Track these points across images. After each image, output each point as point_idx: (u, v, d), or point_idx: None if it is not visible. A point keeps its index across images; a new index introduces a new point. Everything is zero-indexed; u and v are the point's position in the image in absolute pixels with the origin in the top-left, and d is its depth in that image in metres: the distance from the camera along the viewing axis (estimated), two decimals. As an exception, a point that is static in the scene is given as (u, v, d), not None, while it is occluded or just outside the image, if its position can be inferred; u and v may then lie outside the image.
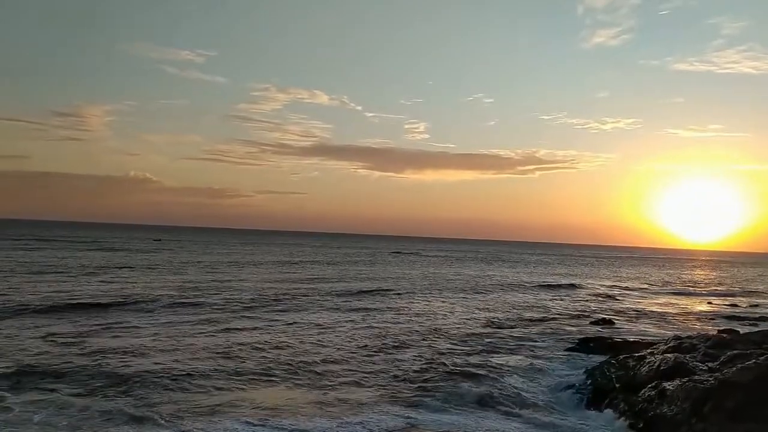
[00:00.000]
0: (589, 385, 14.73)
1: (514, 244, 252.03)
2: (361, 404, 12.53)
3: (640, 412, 12.30)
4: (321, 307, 27.80)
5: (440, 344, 19.95)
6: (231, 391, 13.11)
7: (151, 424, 10.62)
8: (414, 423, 11.53)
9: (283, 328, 21.31)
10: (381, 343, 19.63)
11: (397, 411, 12.27)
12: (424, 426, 11.40)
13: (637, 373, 14.58)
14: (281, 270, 51.78)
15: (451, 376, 15.29)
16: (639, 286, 55.34)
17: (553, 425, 11.97)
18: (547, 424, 12.01)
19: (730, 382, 11.52)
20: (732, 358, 14.14)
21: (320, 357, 16.79)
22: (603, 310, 32.82)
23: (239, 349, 17.05)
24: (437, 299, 34.10)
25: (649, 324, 28.58)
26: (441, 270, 65.11)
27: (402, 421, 11.61)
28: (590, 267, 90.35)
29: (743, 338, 19.60)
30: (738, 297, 46.98)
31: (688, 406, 11.42)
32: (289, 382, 14.25)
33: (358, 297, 33.41)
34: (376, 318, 25.48)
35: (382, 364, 16.47)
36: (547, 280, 57.22)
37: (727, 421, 10.58)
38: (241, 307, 25.77)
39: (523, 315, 28.95)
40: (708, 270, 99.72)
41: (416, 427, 11.35)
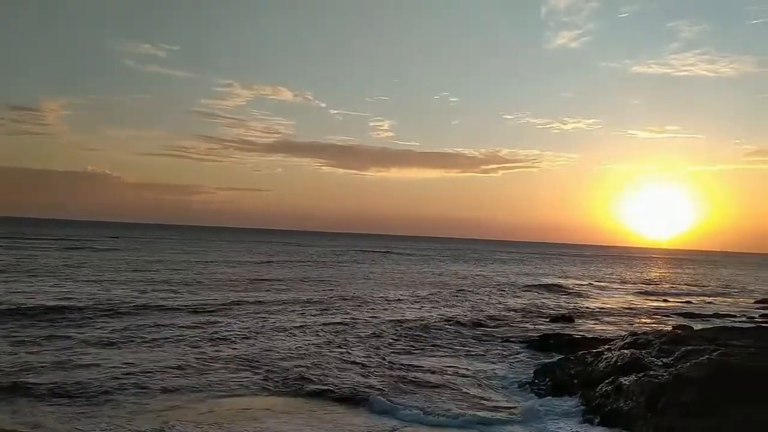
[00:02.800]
0: (548, 381, 14.86)
1: (478, 243, 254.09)
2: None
3: (597, 406, 12.46)
4: (278, 307, 27.30)
5: (397, 343, 19.78)
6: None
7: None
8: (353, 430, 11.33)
9: (231, 330, 20.32)
10: (333, 340, 19.47)
11: (334, 410, 12.19)
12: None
13: (595, 368, 14.77)
14: (243, 269, 51.15)
15: (404, 375, 15.18)
16: (598, 283, 56.33)
17: (510, 423, 11.94)
18: (504, 421, 11.98)
19: (684, 377, 11.73)
20: (686, 353, 14.42)
21: (274, 357, 16.36)
22: (563, 308, 33.27)
23: (185, 355, 16.28)
24: (398, 297, 34.04)
25: (607, 321, 29.05)
26: (405, 267, 65.19)
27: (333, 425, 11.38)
28: (551, 265, 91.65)
29: (697, 334, 20.05)
30: (692, 294, 48.20)
31: (644, 401, 11.59)
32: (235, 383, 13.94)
33: (317, 293, 33.16)
34: (338, 317, 25.27)
35: (327, 362, 16.31)
36: (509, 277, 57.82)
37: (681, 415, 10.77)
38: (190, 311, 24.15)
39: (484, 312, 29.12)
40: (664, 268, 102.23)
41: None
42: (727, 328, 22.16)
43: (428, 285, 43.87)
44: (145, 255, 61.69)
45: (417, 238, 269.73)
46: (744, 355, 14.22)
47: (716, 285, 61.22)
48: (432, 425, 11.54)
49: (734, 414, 10.32)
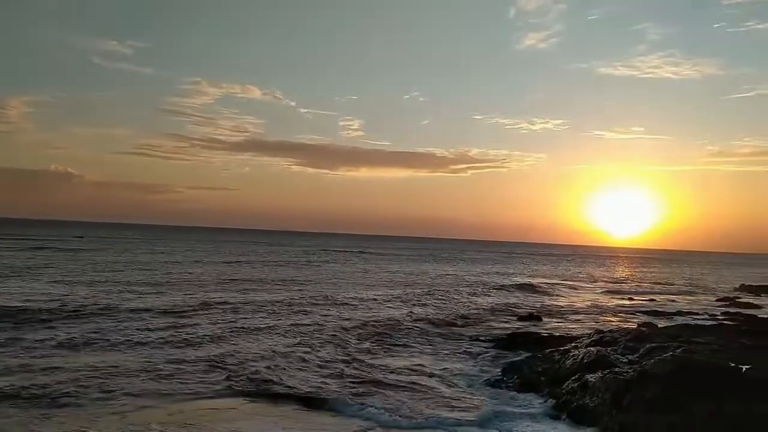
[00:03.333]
0: (516, 379, 15.00)
1: (449, 242, 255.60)
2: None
3: (564, 403, 12.60)
4: (247, 307, 27.02)
5: (365, 343, 19.71)
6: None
7: None
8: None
9: (199, 332, 19.81)
10: (302, 340, 19.27)
11: (302, 412, 12.10)
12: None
13: (562, 366, 14.96)
14: (211, 269, 50.61)
15: (372, 375, 15.11)
16: (566, 282, 57.08)
17: (476, 422, 11.94)
18: (470, 421, 11.96)
19: (649, 374, 11.94)
20: (650, 350, 14.73)
21: (242, 359, 16.09)
22: (531, 306, 33.63)
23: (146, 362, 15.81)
24: (369, 297, 34.00)
25: (575, 319, 29.45)
26: (375, 267, 65.20)
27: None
28: (520, 264, 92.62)
29: (661, 332, 20.53)
30: (656, 293, 49.17)
31: (609, 398, 11.77)
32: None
33: (287, 294, 32.98)
34: (307, 317, 25.14)
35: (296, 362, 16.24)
36: (479, 277, 58.26)
37: (646, 411, 10.95)
38: (157, 312, 23.55)
39: (453, 311, 29.27)
40: (630, 267, 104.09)
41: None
42: (690, 326, 22.73)
43: (399, 284, 43.96)
44: (111, 255, 60.56)
45: (388, 238, 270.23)
46: (706, 352, 14.60)
47: (680, 284, 62.54)
48: (399, 427, 11.44)
49: (697, 409, 10.53)
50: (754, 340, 17.96)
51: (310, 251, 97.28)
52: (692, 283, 64.26)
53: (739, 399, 10.67)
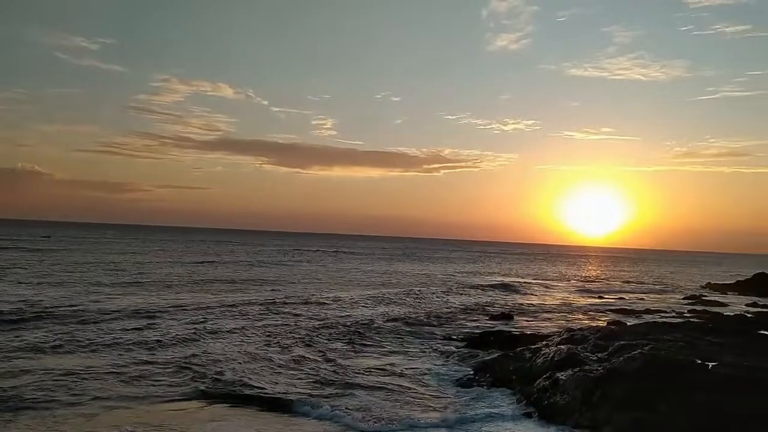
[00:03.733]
0: (488, 377, 15.11)
1: (422, 241, 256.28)
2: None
3: (535, 401, 12.73)
4: (219, 308, 26.75)
5: (338, 343, 19.62)
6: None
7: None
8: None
9: (169, 334, 19.48)
10: (274, 341, 19.14)
11: (271, 415, 11.99)
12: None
13: (533, 364, 15.11)
14: (182, 269, 50.02)
15: (344, 376, 15.04)
16: (537, 281, 57.70)
17: (448, 421, 12.00)
18: (442, 420, 12.00)
19: (618, 371, 12.13)
20: (619, 348, 14.93)
21: (212, 361, 15.82)
22: (503, 305, 33.90)
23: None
24: (341, 296, 33.93)
25: (546, 318, 29.79)
26: (348, 266, 65.10)
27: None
28: (493, 263, 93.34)
29: (630, 330, 20.82)
30: (625, 291, 49.99)
31: (579, 395, 11.92)
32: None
33: (260, 294, 32.78)
34: (279, 318, 25.00)
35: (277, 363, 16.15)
36: (451, 276, 58.57)
37: (615, 408, 11.11)
38: (126, 314, 23.15)
39: (426, 310, 29.37)
40: (600, 266, 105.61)
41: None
42: (658, 324, 23.13)
43: (372, 284, 43.98)
44: (79, 255, 59.45)
45: (361, 237, 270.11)
46: (673, 349, 14.85)
47: (648, 282, 63.67)
48: (368, 430, 11.32)
49: (664, 405, 10.74)
50: (719, 337, 18.34)
51: (283, 251, 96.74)
52: (660, 281, 65.47)
53: (705, 393, 10.91)
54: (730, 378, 11.68)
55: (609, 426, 10.74)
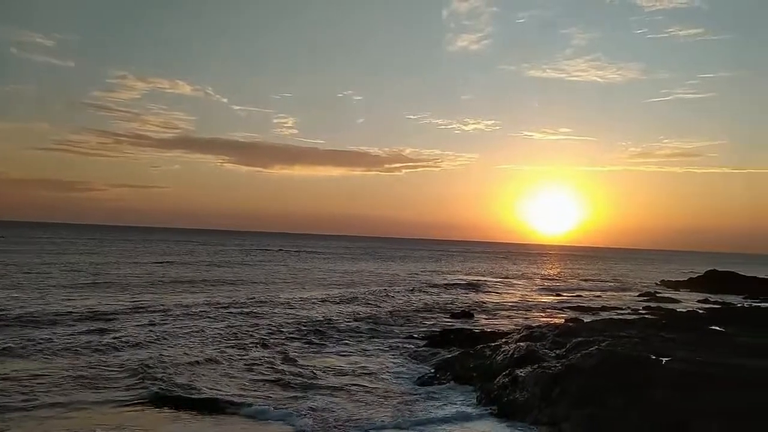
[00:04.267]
0: (448, 375, 15.21)
1: (385, 240, 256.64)
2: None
3: (495, 398, 12.84)
4: (178, 310, 26.25)
5: (299, 344, 19.41)
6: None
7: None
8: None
9: (126, 337, 19.01)
10: (233, 343, 18.85)
11: (228, 419, 11.78)
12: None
13: (493, 361, 15.26)
14: (140, 270, 49.02)
15: (304, 378, 14.84)
16: (497, 279, 58.43)
17: (411, 420, 11.97)
18: (405, 420, 11.95)
19: (575, 368, 12.34)
20: (577, 345, 15.21)
21: (169, 365, 15.42)
22: (464, 303, 34.19)
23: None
24: (302, 296, 33.74)
25: (506, 315, 30.16)
26: (310, 266, 64.78)
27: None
28: (454, 262, 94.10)
29: (587, 326, 21.23)
30: (583, 289, 50.99)
31: (538, 391, 12.09)
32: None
33: (220, 295, 32.35)
34: (239, 319, 24.70)
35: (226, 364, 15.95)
36: (413, 275, 58.81)
37: (573, 403, 11.30)
38: (83, 316, 22.48)
39: (387, 309, 29.42)
40: (558, 264, 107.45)
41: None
42: (614, 321, 23.62)
43: (334, 284, 43.85)
44: (34, 256, 57.63)
45: (324, 237, 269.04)
46: (629, 345, 15.19)
47: (605, 280, 65.05)
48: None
49: (619, 400, 10.97)
50: (672, 333, 18.83)
51: (244, 251, 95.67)
52: (616, 279, 66.97)
53: (659, 389, 11.19)
54: (684, 373, 12.00)
55: (567, 422, 10.91)
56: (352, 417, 11.84)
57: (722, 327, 21.54)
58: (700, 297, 43.65)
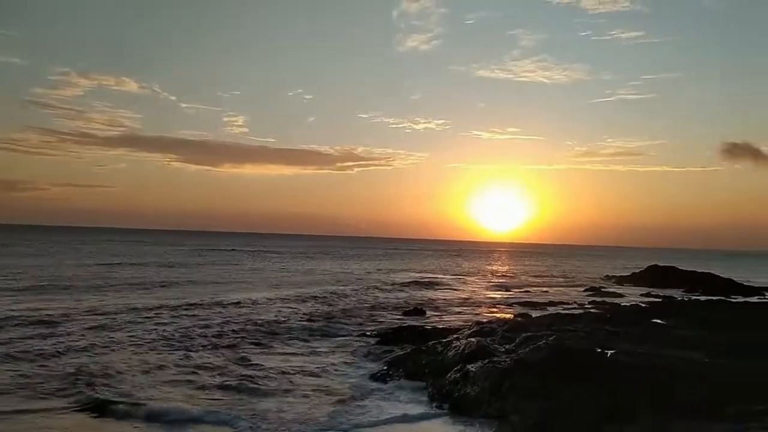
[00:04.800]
0: (401, 371, 15.32)
1: (337, 239, 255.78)
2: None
3: (447, 393, 12.99)
4: (123, 315, 25.56)
5: (247, 346, 19.01)
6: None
7: None
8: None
9: (64, 343, 18.15)
10: (177, 346, 18.37)
11: (168, 427, 11.43)
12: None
13: (445, 357, 15.46)
14: (84, 272, 47.59)
15: (249, 380, 14.44)
16: (448, 276, 59.11)
17: (364, 416, 12.03)
18: (355, 418, 11.94)
19: (524, 362, 12.63)
20: (525, 339, 15.57)
21: (108, 372, 14.76)
22: (416, 301, 34.44)
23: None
24: (253, 297, 33.36)
25: (457, 312, 30.55)
26: (262, 265, 64.15)
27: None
28: (406, 260, 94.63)
29: (535, 321, 21.75)
30: (531, 285, 52.05)
31: (488, 386, 12.31)
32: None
33: (168, 297, 31.74)
34: (186, 320, 24.26)
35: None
36: (365, 273, 58.93)
37: (522, 397, 11.56)
38: (20, 322, 21.49)
39: (339, 307, 29.39)
40: (508, 260, 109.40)
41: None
42: (561, 315, 24.26)
43: (286, 283, 43.53)
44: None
45: (277, 236, 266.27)
46: (575, 339, 15.65)
47: (553, 275, 66.61)
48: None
49: (566, 393, 11.29)
50: (617, 326, 19.46)
51: (195, 251, 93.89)
52: (563, 274, 68.63)
53: (604, 380, 11.58)
54: (627, 365, 12.45)
55: (516, 415, 11.15)
56: (300, 418, 11.66)
57: (663, 320, 22.39)
58: (642, 291, 45.17)
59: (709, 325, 19.99)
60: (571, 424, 10.44)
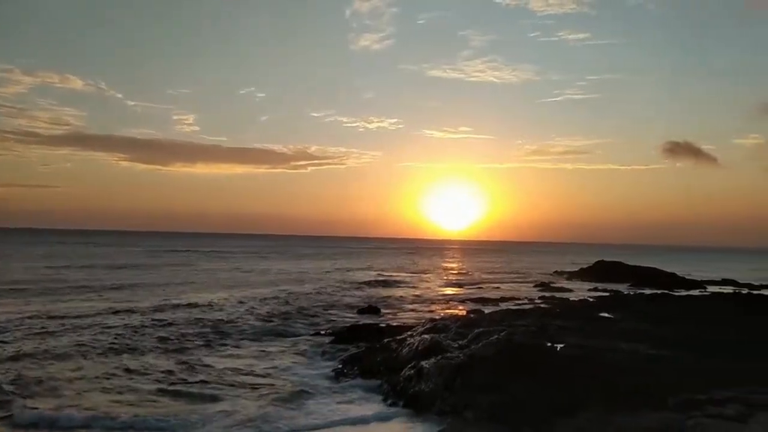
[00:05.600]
0: (356, 370, 15.36)
1: (291, 238, 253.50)
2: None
3: (401, 390, 13.07)
4: (69, 320, 24.81)
5: (195, 347, 18.68)
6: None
7: None
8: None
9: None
10: (122, 349, 17.86)
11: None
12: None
13: (399, 354, 15.56)
14: (28, 275, 45.95)
15: (198, 385, 14.13)
16: (403, 274, 59.35)
17: (316, 418, 11.95)
18: (310, 417, 11.93)
19: (476, 357, 12.82)
20: (478, 335, 15.81)
21: (43, 380, 14.07)
22: (370, 299, 34.50)
23: None
24: (208, 297, 32.86)
25: (411, 309, 30.77)
26: (215, 266, 63.14)
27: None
28: (361, 259, 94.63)
29: (487, 317, 22.11)
30: (484, 281, 52.79)
31: (442, 382, 12.44)
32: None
33: (116, 299, 30.97)
34: (136, 319, 23.68)
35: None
36: (320, 272, 58.68)
37: (474, 392, 11.73)
38: None
39: (294, 307, 29.12)
40: (461, 258, 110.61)
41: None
42: (513, 311, 24.72)
43: (240, 284, 42.92)
44: None
45: (232, 236, 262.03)
46: (526, 334, 15.98)
47: (504, 272, 67.72)
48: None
49: (518, 386, 11.52)
50: (566, 320, 19.97)
51: (147, 252, 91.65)
52: (515, 271, 69.83)
53: (555, 374, 11.86)
54: (577, 359, 12.80)
55: (469, 410, 11.31)
56: (252, 421, 11.48)
57: (610, 314, 23.11)
58: (590, 286, 46.34)
59: (654, 318, 20.72)
60: (523, 417, 10.65)
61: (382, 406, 12.70)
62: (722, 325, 18.75)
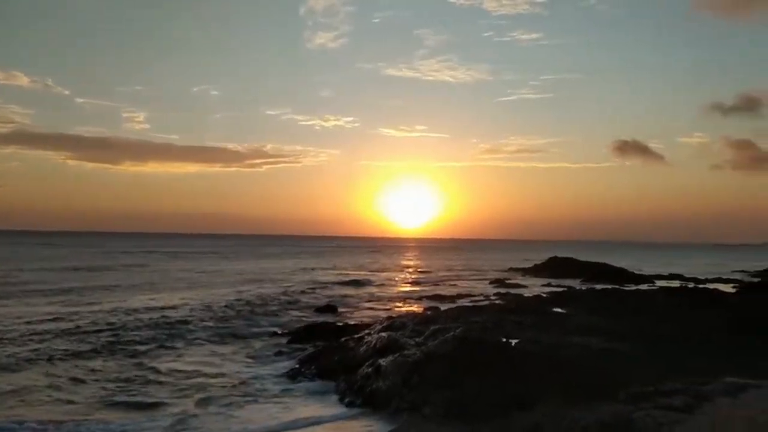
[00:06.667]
0: (313, 369, 15.25)
1: (246, 238, 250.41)
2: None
3: (359, 389, 13.04)
4: (10, 322, 23.96)
5: (147, 350, 18.24)
6: None
7: None
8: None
9: None
10: (76, 352, 17.45)
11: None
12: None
13: (357, 353, 15.53)
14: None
15: (154, 387, 13.90)
16: (359, 272, 59.27)
17: (272, 420, 11.82)
18: (265, 424, 11.69)
19: (433, 354, 12.88)
20: (434, 332, 15.88)
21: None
22: (327, 297, 34.35)
23: None
24: (160, 299, 32.21)
25: (369, 307, 30.79)
26: (168, 267, 61.88)
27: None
28: (318, 258, 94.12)
29: (443, 314, 22.21)
30: (441, 279, 53.23)
31: (399, 379, 12.46)
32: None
33: (64, 302, 30.05)
34: (85, 326, 22.99)
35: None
36: (276, 271, 58.13)
37: (431, 388, 11.78)
38: None
39: (250, 307, 28.72)
40: (417, 255, 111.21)
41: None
42: (468, 307, 24.90)
43: (194, 284, 42.18)
44: None
45: (187, 236, 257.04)
46: (482, 330, 16.14)
47: (460, 269, 68.40)
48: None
49: (474, 382, 11.62)
50: (521, 316, 20.24)
51: (95, 253, 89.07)
52: (470, 268, 70.62)
53: (511, 369, 12.01)
54: (532, 353, 12.99)
55: (427, 406, 11.35)
56: (205, 425, 11.26)
57: (563, 309, 23.50)
58: (544, 282, 47.22)
59: (605, 312, 21.18)
60: (479, 412, 10.75)
61: (339, 406, 12.62)
62: (670, 319, 19.31)
